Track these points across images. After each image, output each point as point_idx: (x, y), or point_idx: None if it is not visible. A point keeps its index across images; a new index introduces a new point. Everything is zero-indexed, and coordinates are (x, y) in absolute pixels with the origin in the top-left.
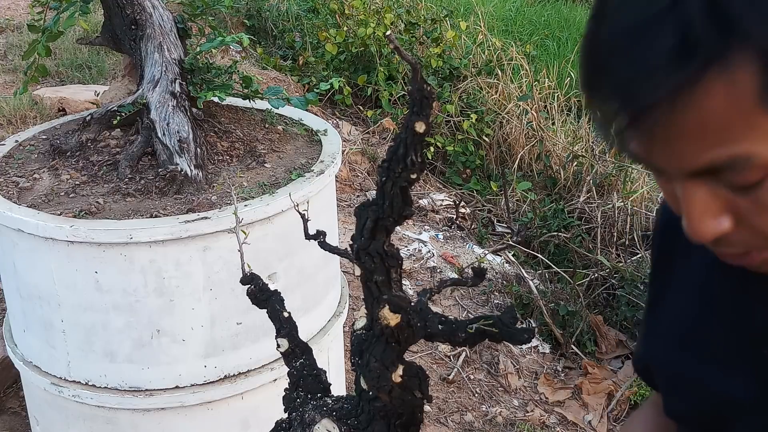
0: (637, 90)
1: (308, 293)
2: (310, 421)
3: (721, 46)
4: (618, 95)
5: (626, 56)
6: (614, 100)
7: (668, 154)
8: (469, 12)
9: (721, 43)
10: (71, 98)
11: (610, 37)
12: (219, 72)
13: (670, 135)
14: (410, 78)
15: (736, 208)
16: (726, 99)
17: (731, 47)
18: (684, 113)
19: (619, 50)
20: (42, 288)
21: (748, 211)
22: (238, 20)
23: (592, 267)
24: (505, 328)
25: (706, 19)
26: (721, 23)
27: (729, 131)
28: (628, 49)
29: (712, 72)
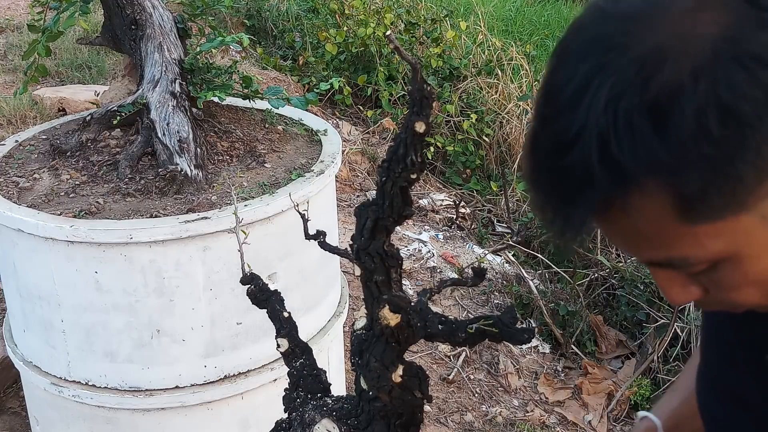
0: (556, 212)
1: (308, 293)
2: (310, 421)
3: (618, 189)
4: (544, 209)
5: (544, 174)
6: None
7: (617, 243)
8: (469, 12)
9: (617, 186)
10: (71, 98)
11: (540, 151)
12: (219, 72)
13: (607, 235)
14: (410, 78)
15: (701, 282)
16: (639, 223)
17: (628, 189)
18: (609, 225)
19: (545, 168)
20: (42, 288)
21: (709, 286)
22: (238, 20)
23: (592, 267)
24: (505, 328)
25: (599, 164)
26: (612, 170)
27: (657, 241)
28: (545, 169)
29: (617, 202)
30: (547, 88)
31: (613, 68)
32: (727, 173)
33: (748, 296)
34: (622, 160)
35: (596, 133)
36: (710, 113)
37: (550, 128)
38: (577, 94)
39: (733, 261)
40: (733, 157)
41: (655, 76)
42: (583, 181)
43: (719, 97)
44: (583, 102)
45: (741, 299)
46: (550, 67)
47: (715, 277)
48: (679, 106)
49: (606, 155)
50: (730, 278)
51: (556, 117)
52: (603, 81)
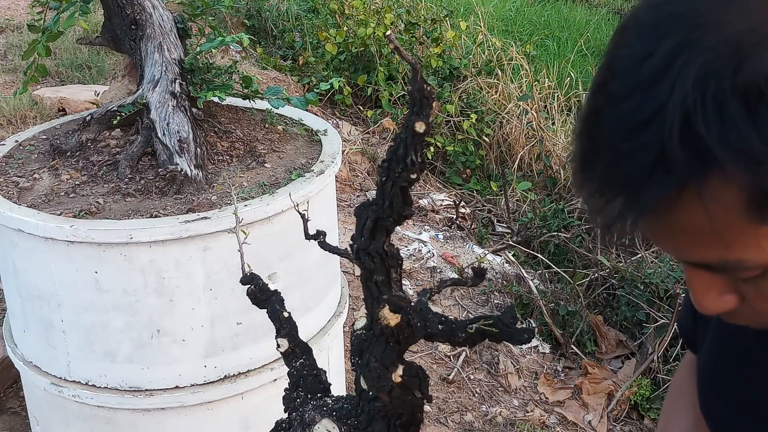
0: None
1: (308, 293)
2: (310, 421)
3: (696, 172)
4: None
5: (610, 158)
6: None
7: (663, 245)
8: (469, 12)
9: (695, 169)
10: (71, 98)
11: (604, 130)
12: (219, 72)
13: (661, 230)
14: (410, 78)
15: (740, 289)
16: (710, 213)
17: (707, 174)
18: (668, 218)
19: (605, 148)
20: (42, 288)
21: (751, 296)
22: (238, 20)
23: (592, 267)
24: (505, 328)
25: (678, 147)
26: (694, 152)
27: (717, 240)
28: (612, 151)
29: (691, 189)
30: (617, 63)
31: (703, 46)
32: None
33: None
34: (708, 141)
35: (680, 112)
36: None
37: (621, 106)
38: (658, 71)
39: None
40: None
41: (752, 58)
42: (657, 163)
43: None
44: (665, 80)
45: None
46: (619, 42)
47: (763, 286)
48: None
49: (689, 135)
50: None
51: (630, 94)
52: (691, 59)
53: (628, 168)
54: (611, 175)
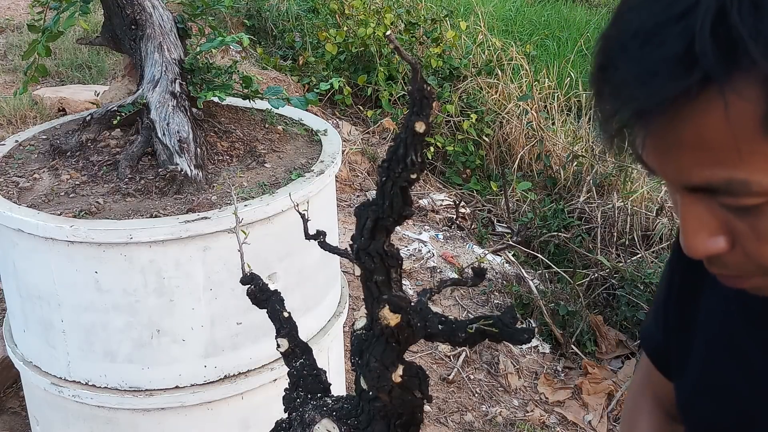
0: (634, 92)
1: (308, 293)
2: (310, 421)
3: (722, 67)
4: (617, 95)
5: (630, 58)
6: (614, 100)
7: (666, 164)
8: (469, 12)
9: (722, 63)
10: (71, 98)
11: (621, 37)
12: (219, 72)
13: (668, 145)
14: (410, 78)
15: (734, 230)
16: (725, 119)
17: (733, 70)
18: (681, 125)
19: (625, 51)
20: (42, 288)
21: (744, 235)
22: (238, 20)
23: (592, 267)
24: (505, 328)
25: (709, 37)
26: (724, 44)
27: (727, 153)
28: (634, 50)
29: (711, 89)
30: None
31: None
32: None
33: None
34: (741, 31)
35: (715, 4)
36: None
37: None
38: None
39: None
40: None
41: None
42: (685, 55)
43: None
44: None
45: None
46: None
47: (759, 222)
48: None
49: (722, 27)
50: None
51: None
52: None
53: (653, 59)
54: (634, 69)
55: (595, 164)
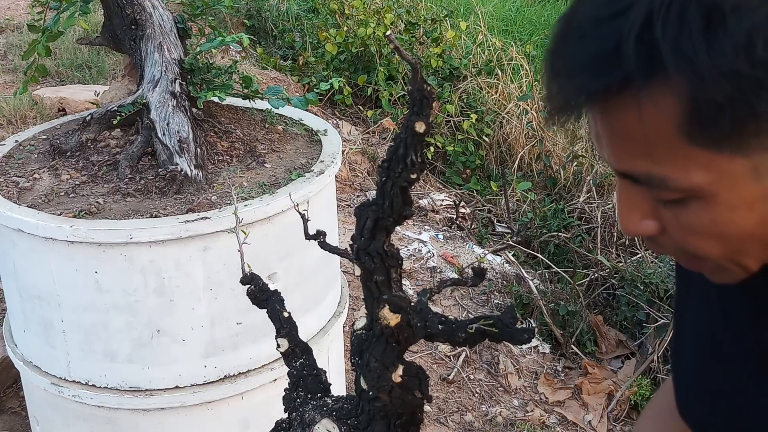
0: (566, 83)
1: (308, 293)
2: (310, 421)
3: (642, 72)
4: (555, 82)
5: (569, 48)
6: (553, 85)
7: (601, 146)
8: (469, 12)
9: (642, 69)
10: (71, 98)
11: (567, 27)
12: (219, 72)
13: (600, 129)
14: (410, 78)
15: (661, 217)
16: (645, 119)
17: (652, 76)
18: (609, 116)
19: (566, 42)
20: (42, 288)
21: (669, 224)
22: (238, 20)
23: (592, 267)
24: (505, 328)
25: (633, 42)
26: (646, 51)
27: (647, 149)
28: (573, 42)
29: (631, 90)
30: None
31: None
32: (748, 100)
33: (706, 247)
34: (661, 45)
35: (645, 11)
36: (763, 34)
37: (595, 2)
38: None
39: (707, 202)
40: (762, 87)
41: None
42: (611, 54)
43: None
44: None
45: (699, 248)
46: None
47: (681, 214)
48: (737, 16)
49: (646, 36)
50: (696, 219)
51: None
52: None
53: (586, 53)
54: (572, 58)
55: (595, 164)
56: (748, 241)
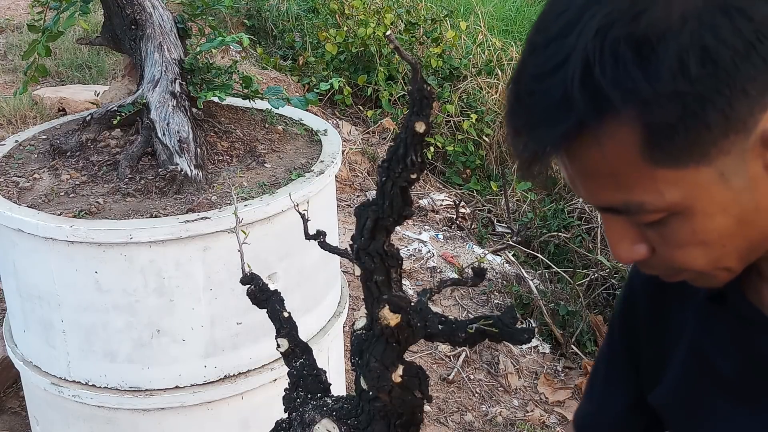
0: (527, 137)
1: (308, 293)
2: (310, 421)
3: (593, 113)
4: (518, 136)
5: (522, 106)
6: (517, 138)
7: (576, 187)
8: (469, 12)
9: (592, 110)
10: (71, 98)
11: (517, 85)
12: (219, 72)
13: (572, 174)
14: (410, 78)
15: (649, 238)
16: (608, 154)
17: (603, 116)
18: (575, 159)
19: (519, 99)
20: (42, 288)
21: (656, 243)
22: (238, 20)
23: (592, 267)
24: (505, 328)
25: (579, 88)
26: (591, 94)
27: (618, 181)
28: (525, 99)
29: (589, 129)
30: (541, 19)
31: (608, 1)
32: (697, 114)
33: (692, 258)
34: (603, 84)
35: (582, 58)
36: (692, 53)
37: (539, 55)
38: (570, 23)
39: (686, 215)
40: (705, 99)
41: (647, 11)
42: (562, 104)
43: (702, 39)
44: (574, 30)
45: (686, 260)
46: (546, 4)
47: (665, 232)
48: (665, 42)
49: (588, 79)
50: (678, 234)
51: (547, 44)
52: (596, 12)
53: (537, 108)
54: (525, 115)
55: None
56: (730, 243)
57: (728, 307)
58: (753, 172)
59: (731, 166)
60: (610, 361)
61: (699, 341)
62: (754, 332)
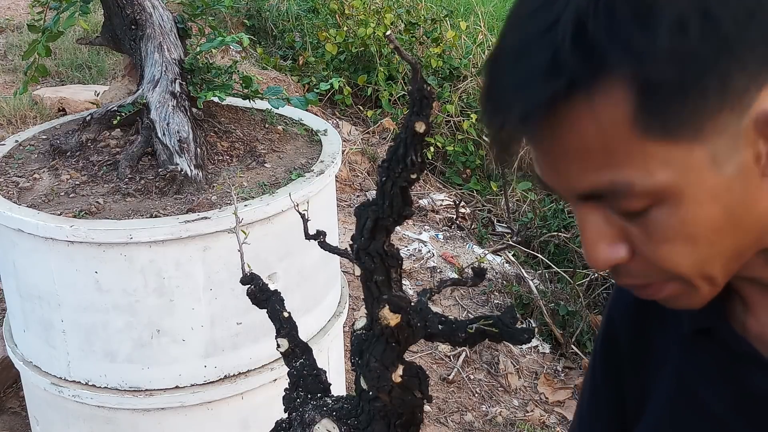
0: (511, 101)
1: (308, 293)
2: (310, 421)
3: (585, 72)
4: (498, 107)
5: (506, 72)
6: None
7: (555, 174)
8: (469, 12)
9: (585, 69)
10: (71, 98)
11: (499, 56)
12: (219, 72)
13: (553, 155)
14: (410, 78)
15: (630, 236)
16: (597, 122)
17: (598, 73)
18: (560, 131)
19: (501, 68)
20: (42, 288)
21: (639, 240)
22: (238, 20)
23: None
24: (505, 328)
25: (570, 46)
26: (585, 52)
27: (606, 156)
28: (509, 66)
29: (579, 94)
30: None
31: None
32: (694, 78)
33: (678, 256)
34: (597, 40)
35: (573, 19)
36: (692, 13)
37: (523, 26)
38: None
39: (674, 202)
40: (704, 63)
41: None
42: (550, 66)
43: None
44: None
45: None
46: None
47: (649, 224)
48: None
49: (580, 38)
50: (666, 224)
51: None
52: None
53: (524, 71)
54: (509, 84)
55: None
56: (717, 241)
57: (714, 340)
58: (744, 161)
59: (724, 149)
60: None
61: (685, 375)
62: (745, 367)
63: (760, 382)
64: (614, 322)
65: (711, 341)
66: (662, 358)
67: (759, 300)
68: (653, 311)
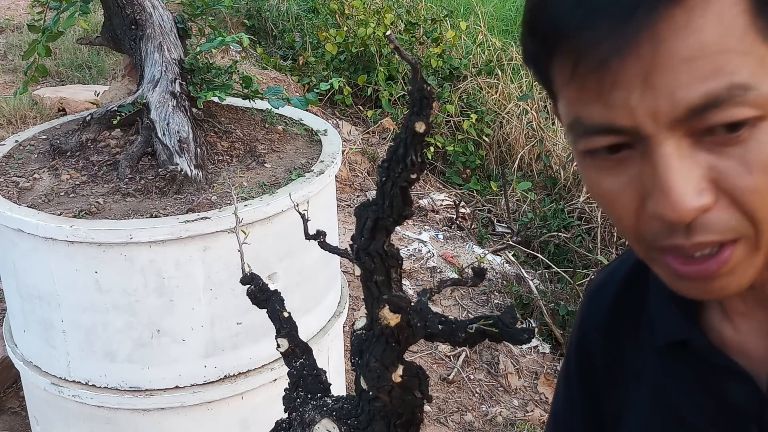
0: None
1: (308, 293)
2: (310, 421)
3: None
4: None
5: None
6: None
7: (650, 91)
8: (469, 12)
9: None
10: (71, 98)
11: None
12: (219, 72)
13: (655, 62)
14: (410, 78)
15: (719, 174)
16: (714, 18)
17: None
18: (672, 35)
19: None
20: (42, 288)
21: (732, 174)
22: (238, 20)
23: (592, 267)
24: (505, 328)
25: None
26: None
27: (722, 57)
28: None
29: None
30: None
31: None
32: None
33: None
34: None
35: None
36: None
37: None
38: None
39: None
40: None
41: None
42: None
43: None
44: None
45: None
46: None
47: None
48: None
49: None
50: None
51: None
52: None
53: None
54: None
55: None
56: None
57: (691, 351)
58: None
59: None
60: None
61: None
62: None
63: (739, 394)
64: (587, 335)
65: (687, 352)
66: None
67: (738, 307)
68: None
